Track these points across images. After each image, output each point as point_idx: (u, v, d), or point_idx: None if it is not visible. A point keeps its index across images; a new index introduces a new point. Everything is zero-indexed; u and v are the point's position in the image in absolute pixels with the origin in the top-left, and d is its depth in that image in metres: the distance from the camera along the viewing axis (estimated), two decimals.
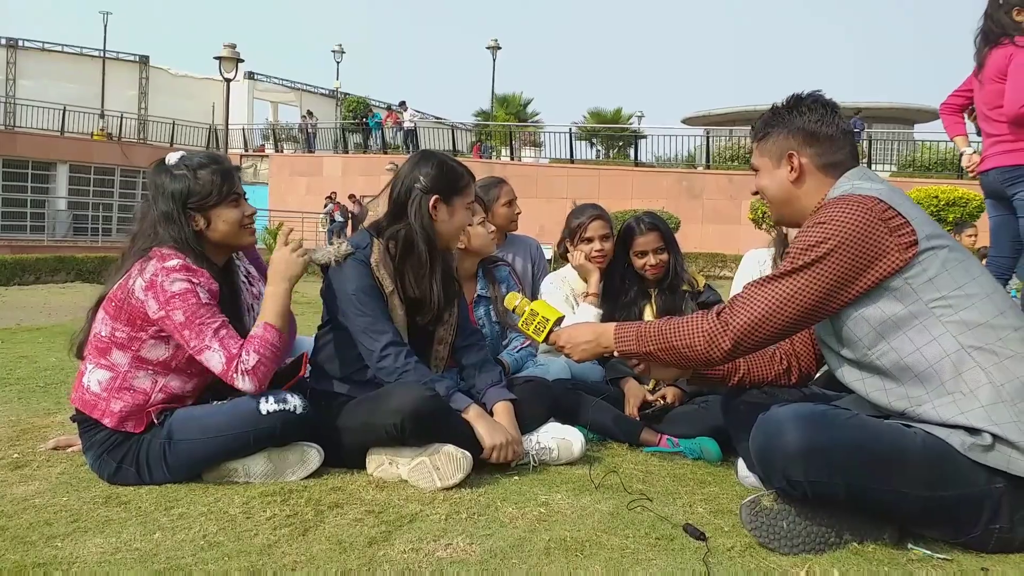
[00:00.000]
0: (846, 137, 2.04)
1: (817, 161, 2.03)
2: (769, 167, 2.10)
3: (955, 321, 1.80)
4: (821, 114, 2.04)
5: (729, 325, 1.94)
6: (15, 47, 28.90)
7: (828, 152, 2.02)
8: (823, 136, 2.02)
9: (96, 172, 27.69)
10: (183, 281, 2.25)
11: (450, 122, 29.58)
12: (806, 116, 2.04)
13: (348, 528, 1.95)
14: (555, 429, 2.60)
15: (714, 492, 2.30)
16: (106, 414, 2.27)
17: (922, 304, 1.81)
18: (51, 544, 1.84)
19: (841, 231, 1.83)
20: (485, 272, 3.21)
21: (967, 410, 1.76)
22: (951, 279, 1.81)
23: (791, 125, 2.06)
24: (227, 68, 21.04)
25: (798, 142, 2.04)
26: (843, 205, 1.87)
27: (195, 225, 2.37)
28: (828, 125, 2.02)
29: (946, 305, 1.80)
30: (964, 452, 1.73)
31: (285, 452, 2.34)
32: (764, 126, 2.12)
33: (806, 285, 1.87)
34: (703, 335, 1.98)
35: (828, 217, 1.87)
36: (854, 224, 1.83)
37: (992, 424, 1.73)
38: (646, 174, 22.17)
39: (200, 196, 2.36)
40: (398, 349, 2.41)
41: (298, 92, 34.02)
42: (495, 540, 1.88)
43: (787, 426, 1.77)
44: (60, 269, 13.00)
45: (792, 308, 1.89)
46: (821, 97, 2.08)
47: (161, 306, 2.23)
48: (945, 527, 1.80)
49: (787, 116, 2.07)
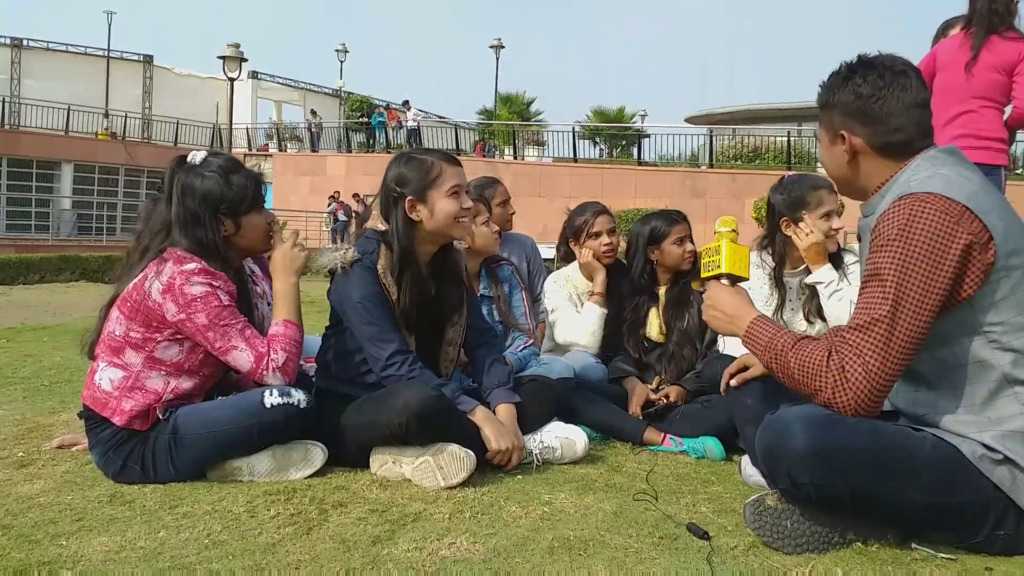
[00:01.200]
0: (911, 111, 1.79)
1: (873, 142, 1.81)
2: (827, 142, 1.91)
3: (1005, 348, 1.71)
4: (878, 87, 1.79)
5: (851, 386, 1.71)
6: (20, 47, 29.00)
7: (887, 131, 1.80)
8: (879, 113, 1.79)
9: (100, 171, 27.79)
10: (203, 284, 2.27)
11: (453, 121, 29.63)
12: (860, 88, 1.80)
13: (352, 527, 1.95)
14: (558, 428, 2.60)
15: (718, 491, 2.30)
16: (116, 412, 2.28)
17: (977, 324, 1.71)
18: (56, 543, 1.84)
19: (920, 246, 1.65)
20: (488, 271, 3.21)
21: (985, 430, 1.72)
22: (1016, 304, 1.69)
23: (844, 98, 1.83)
24: (231, 67, 21.09)
25: (851, 120, 1.82)
26: (923, 212, 1.66)
27: (224, 230, 2.38)
28: (887, 100, 1.78)
29: (1002, 331, 1.70)
30: (974, 461, 1.70)
31: (289, 450, 2.34)
32: (823, 93, 1.90)
33: (908, 317, 1.67)
34: (825, 386, 1.74)
35: (904, 228, 1.67)
36: (934, 237, 1.65)
37: (1008, 450, 1.70)
38: (649, 173, 22.17)
39: (234, 201, 2.38)
40: (404, 357, 2.41)
41: (302, 91, 34.09)
42: (499, 539, 1.88)
43: (795, 427, 1.74)
44: (64, 268, 13.05)
45: (904, 347, 1.69)
46: (884, 62, 1.82)
47: (181, 309, 2.25)
48: (950, 532, 1.79)
49: (842, 87, 1.84)
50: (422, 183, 2.47)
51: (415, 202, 2.47)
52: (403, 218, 2.46)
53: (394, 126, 27.06)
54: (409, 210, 2.46)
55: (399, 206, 2.46)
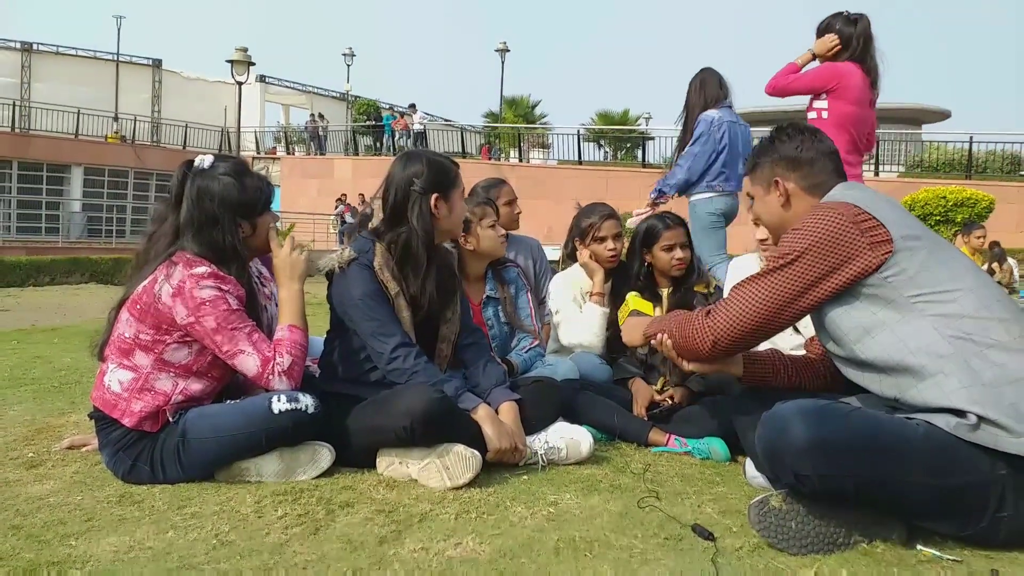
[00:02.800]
0: (827, 157, 2.18)
1: (802, 184, 2.17)
2: (761, 194, 2.25)
3: (936, 314, 1.87)
4: (800, 140, 2.19)
5: (710, 325, 2.11)
6: (30, 51, 29.13)
7: (811, 174, 2.17)
8: (804, 160, 2.17)
9: (110, 174, 27.89)
10: (212, 288, 2.29)
11: (459, 124, 29.62)
12: (786, 143, 2.20)
13: (359, 527, 1.96)
14: (563, 429, 2.60)
15: (722, 492, 2.31)
16: (126, 414, 2.30)
17: (903, 300, 1.89)
18: (65, 543, 1.86)
19: (813, 235, 1.96)
20: (494, 273, 3.22)
21: (949, 391, 1.81)
22: (932, 276, 1.90)
23: (775, 154, 2.21)
24: (239, 71, 21.19)
25: (782, 168, 2.19)
26: (817, 212, 2.01)
27: (242, 231, 2.41)
28: (808, 150, 2.18)
29: (927, 300, 1.88)
30: (951, 431, 1.77)
31: (297, 451, 2.35)
32: (753, 157, 2.28)
33: (779, 285, 2.00)
34: (693, 331, 2.15)
35: (803, 224, 2.01)
36: (825, 227, 1.95)
37: (973, 404, 1.78)
38: (654, 175, 22.02)
39: (250, 203, 2.43)
40: (407, 350, 2.43)
41: (309, 95, 34.14)
42: (504, 539, 1.88)
43: (793, 421, 1.79)
44: (75, 270, 13.12)
45: (766, 307, 2.03)
46: (799, 124, 2.27)
47: (191, 312, 2.27)
48: (953, 518, 1.81)
49: (770, 146, 2.23)
50: (446, 182, 2.56)
51: (440, 199, 2.53)
52: (428, 213, 2.52)
53: (401, 133, 27.10)
54: (435, 207, 2.51)
55: (422, 202, 2.51)
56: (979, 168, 19.33)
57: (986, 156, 19.82)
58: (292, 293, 2.46)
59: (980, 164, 19.49)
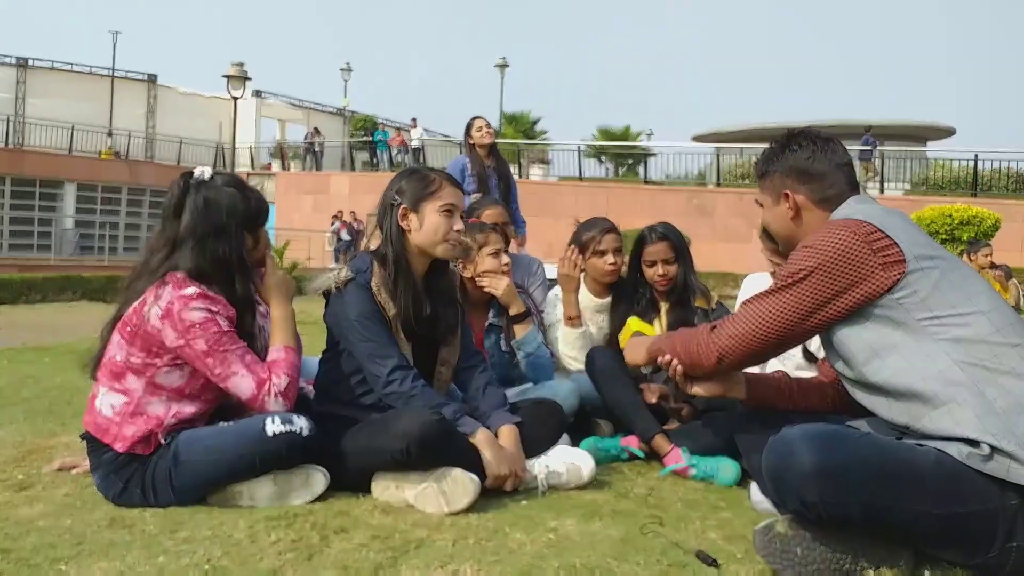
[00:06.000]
0: (840, 170, 2.09)
1: (813, 197, 2.09)
2: (770, 204, 2.18)
3: (948, 339, 1.82)
4: (812, 151, 2.09)
5: (715, 340, 2.08)
6: (25, 66, 29.13)
7: (822, 187, 2.08)
8: (815, 172, 2.08)
9: (103, 191, 27.86)
10: (202, 310, 2.25)
11: (458, 140, 29.66)
12: (797, 154, 2.10)
13: (354, 553, 1.92)
14: (564, 452, 2.57)
15: (727, 518, 2.27)
16: (118, 439, 2.26)
17: (914, 323, 1.84)
18: (55, 567, 1.82)
19: (824, 253, 1.91)
20: (498, 300, 3.19)
21: (961, 421, 1.77)
22: (944, 299, 1.84)
23: (784, 164, 2.12)
24: (235, 86, 21.28)
25: (792, 180, 2.11)
26: (829, 229, 1.95)
27: (248, 244, 2.40)
28: (820, 161, 2.08)
29: (939, 324, 1.83)
30: (963, 461, 1.73)
31: (290, 475, 2.31)
32: (762, 164, 2.19)
33: (787, 304, 1.96)
34: (697, 346, 2.12)
35: (814, 241, 1.95)
36: (836, 246, 1.90)
37: (986, 434, 1.73)
38: (656, 192, 22.14)
39: (254, 214, 2.43)
40: (404, 373, 2.39)
41: (305, 110, 34.19)
42: (503, 566, 1.85)
43: (799, 446, 1.75)
44: (67, 288, 13.03)
45: (774, 326, 1.98)
46: (812, 132, 2.14)
47: (180, 335, 2.23)
48: (961, 546, 1.77)
49: (780, 155, 2.14)
50: (418, 194, 2.50)
51: (408, 211, 2.49)
52: (395, 225, 2.49)
53: (399, 149, 27.11)
54: (401, 218, 2.48)
55: (393, 212, 2.49)
56: (985, 186, 19.26)
57: (991, 174, 19.70)
58: (286, 314, 2.44)
59: (986, 182, 19.41)
